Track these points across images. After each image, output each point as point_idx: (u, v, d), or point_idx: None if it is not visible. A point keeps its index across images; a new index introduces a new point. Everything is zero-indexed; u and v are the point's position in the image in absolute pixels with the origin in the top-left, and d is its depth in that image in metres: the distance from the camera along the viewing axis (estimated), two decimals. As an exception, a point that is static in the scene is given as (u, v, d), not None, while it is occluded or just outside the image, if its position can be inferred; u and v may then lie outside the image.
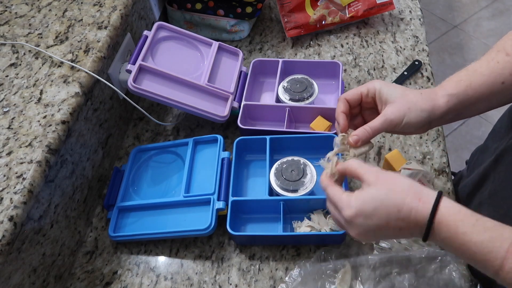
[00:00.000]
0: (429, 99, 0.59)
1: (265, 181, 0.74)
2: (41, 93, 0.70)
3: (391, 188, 0.52)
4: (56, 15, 0.81)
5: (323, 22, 1.01)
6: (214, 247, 0.74)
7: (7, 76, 0.72)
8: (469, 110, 0.61)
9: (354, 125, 0.65)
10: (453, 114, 0.60)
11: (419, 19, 1.06)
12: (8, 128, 0.65)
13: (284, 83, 0.86)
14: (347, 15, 1.01)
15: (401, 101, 0.59)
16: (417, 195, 0.51)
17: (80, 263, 0.74)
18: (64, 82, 0.71)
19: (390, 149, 0.83)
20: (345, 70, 0.97)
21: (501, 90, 0.59)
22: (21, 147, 0.63)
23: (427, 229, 0.49)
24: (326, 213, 0.72)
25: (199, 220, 0.71)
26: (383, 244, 0.70)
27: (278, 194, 0.72)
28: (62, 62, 0.74)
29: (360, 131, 0.61)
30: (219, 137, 0.80)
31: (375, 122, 0.60)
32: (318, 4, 1.01)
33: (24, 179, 0.59)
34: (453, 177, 0.88)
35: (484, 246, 0.46)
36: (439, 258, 0.66)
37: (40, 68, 0.73)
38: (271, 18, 1.10)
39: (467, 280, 0.65)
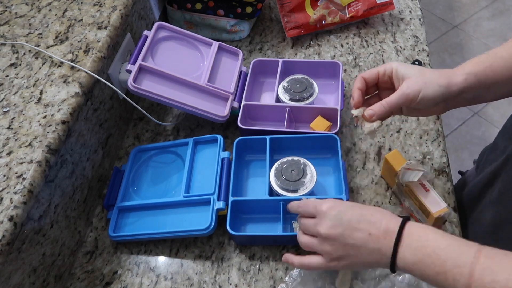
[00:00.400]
0: (447, 76, 0.60)
1: (265, 181, 0.74)
2: (41, 93, 0.70)
3: (368, 205, 0.58)
4: (56, 15, 0.81)
5: (323, 22, 1.01)
6: (214, 247, 0.74)
7: (7, 76, 0.72)
8: (487, 92, 0.62)
9: (370, 104, 0.66)
10: (471, 94, 0.60)
11: (419, 19, 1.06)
12: (8, 128, 0.65)
13: (284, 83, 0.86)
14: (347, 15, 1.01)
15: (418, 77, 0.61)
16: (390, 213, 0.55)
17: (80, 263, 0.74)
18: (64, 82, 0.71)
19: (390, 149, 0.83)
20: (345, 70, 0.97)
21: None
22: (21, 147, 0.63)
23: (397, 236, 0.50)
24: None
25: (199, 220, 0.71)
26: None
27: (278, 194, 0.72)
28: (62, 62, 0.74)
29: (376, 106, 0.62)
30: (219, 137, 0.80)
31: (391, 97, 0.62)
32: (318, 4, 1.01)
33: (24, 179, 0.59)
34: (460, 176, 0.88)
35: (453, 250, 0.47)
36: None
37: (40, 68, 0.73)
38: (271, 18, 1.10)
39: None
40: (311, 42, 1.03)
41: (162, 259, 0.74)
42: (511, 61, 0.59)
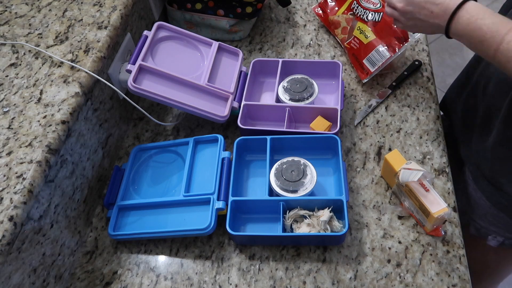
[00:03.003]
0: None
1: (265, 181, 0.74)
2: (41, 93, 0.70)
3: None
4: (56, 15, 0.81)
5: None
6: (214, 247, 0.74)
7: (7, 76, 0.72)
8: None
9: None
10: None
11: (419, 19, 1.06)
12: (8, 128, 0.65)
13: (284, 83, 0.86)
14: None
15: None
16: None
17: (80, 263, 0.74)
18: (64, 82, 0.71)
19: (390, 149, 0.83)
20: (345, 70, 0.97)
21: None
22: (21, 147, 0.63)
23: (452, 14, 0.63)
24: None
25: (199, 220, 0.71)
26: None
27: (278, 195, 0.72)
28: (62, 62, 0.74)
29: None
30: (220, 137, 0.80)
31: None
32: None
33: (24, 179, 0.59)
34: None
35: (494, 26, 0.60)
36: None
37: (40, 68, 0.73)
38: (271, 18, 1.10)
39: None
40: (311, 42, 1.03)
41: (162, 259, 0.74)
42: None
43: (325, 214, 0.70)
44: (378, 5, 0.94)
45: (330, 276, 0.69)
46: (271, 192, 0.73)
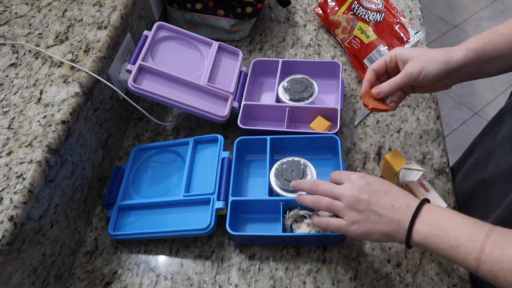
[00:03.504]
0: (447, 53, 0.64)
1: (265, 181, 0.74)
2: (41, 93, 0.70)
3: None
4: (56, 15, 0.81)
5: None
6: (214, 247, 0.74)
7: (7, 76, 0.72)
8: (488, 67, 0.65)
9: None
10: (472, 68, 0.64)
11: (419, 19, 1.06)
12: (8, 128, 0.65)
13: (284, 83, 0.86)
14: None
15: (420, 56, 0.65)
16: (414, 196, 0.57)
17: (80, 263, 0.74)
18: (64, 82, 0.71)
19: (390, 149, 0.83)
20: (345, 70, 0.97)
21: None
22: (21, 147, 0.63)
23: (416, 210, 0.53)
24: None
25: (199, 220, 0.71)
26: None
27: (278, 195, 0.72)
28: (62, 62, 0.74)
29: (383, 84, 0.68)
30: (220, 137, 0.80)
31: (397, 77, 0.67)
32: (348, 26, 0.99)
33: (24, 179, 0.59)
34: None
35: (468, 227, 0.50)
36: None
37: (40, 68, 0.73)
38: (271, 18, 1.10)
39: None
40: (311, 42, 1.03)
41: (162, 259, 0.74)
42: (510, 38, 0.62)
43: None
44: (380, 5, 0.94)
45: (330, 276, 0.69)
46: (271, 192, 0.73)
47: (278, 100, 0.85)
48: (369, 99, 0.70)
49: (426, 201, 0.56)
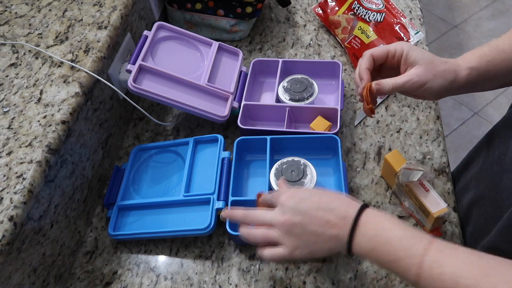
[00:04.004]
0: (453, 70, 0.61)
1: (265, 181, 0.74)
2: (41, 93, 0.70)
3: (328, 190, 0.59)
4: (56, 15, 0.81)
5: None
6: (214, 247, 0.74)
7: (7, 76, 0.72)
8: (485, 85, 0.64)
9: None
10: (470, 86, 0.62)
11: (419, 19, 1.06)
12: (8, 128, 0.65)
13: (284, 83, 0.86)
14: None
15: (428, 67, 0.61)
16: (350, 199, 0.55)
17: (80, 263, 0.74)
18: (64, 82, 0.71)
19: (390, 149, 0.83)
20: (345, 70, 0.97)
21: None
22: (21, 147, 0.63)
23: (353, 223, 0.51)
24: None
25: (199, 220, 0.71)
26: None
27: (278, 194, 0.72)
28: (62, 62, 0.74)
29: (383, 83, 0.63)
30: (220, 137, 0.80)
31: (399, 80, 0.62)
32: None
33: (24, 179, 0.59)
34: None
35: (406, 241, 0.48)
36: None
37: (40, 68, 0.73)
38: (271, 18, 1.10)
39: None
40: (311, 42, 1.03)
41: (162, 259, 0.74)
42: (511, 57, 0.61)
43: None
44: (381, 5, 0.94)
45: (330, 276, 0.69)
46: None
47: (278, 100, 0.85)
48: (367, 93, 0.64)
49: (364, 206, 0.53)
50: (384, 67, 0.67)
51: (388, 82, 0.63)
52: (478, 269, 0.44)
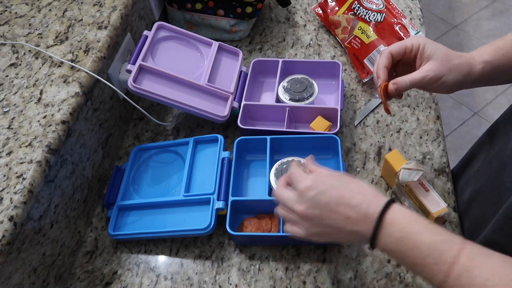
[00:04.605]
0: (468, 64, 0.61)
1: (265, 181, 0.74)
2: (41, 93, 0.70)
3: (352, 179, 0.54)
4: (56, 15, 0.81)
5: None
6: (214, 247, 0.74)
7: (7, 76, 0.72)
8: (499, 79, 0.64)
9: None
10: (485, 79, 0.63)
11: (419, 19, 1.06)
12: (8, 128, 0.65)
13: (284, 83, 0.86)
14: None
15: (443, 61, 0.61)
16: (374, 193, 0.51)
17: (80, 263, 0.74)
18: (64, 82, 0.71)
19: (390, 149, 0.83)
20: (345, 70, 0.97)
21: None
22: (21, 147, 0.63)
23: (377, 223, 0.49)
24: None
25: (199, 220, 0.71)
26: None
27: (278, 194, 0.72)
28: (62, 62, 0.74)
29: (400, 81, 0.63)
30: (220, 137, 0.80)
31: (415, 76, 0.62)
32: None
33: (24, 179, 0.59)
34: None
35: (436, 248, 0.46)
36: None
37: (40, 68, 0.73)
38: (271, 18, 1.10)
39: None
40: (311, 42, 1.03)
41: (162, 259, 0.74)
42: None
43: None
44: (381, 5, 0.94)
45: (330, 276, 0.69)
46: (271, 192, 0.73)
47: (278, 100, 0.85)
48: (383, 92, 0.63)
49: (390, 203, 0.50)
50: (400, 63, 0.67)
51: (405, 80, 0.62)
52: (511, 282, 0.42)
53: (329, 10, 1.02)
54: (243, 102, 0.85)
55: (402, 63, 0.67)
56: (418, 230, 0.48)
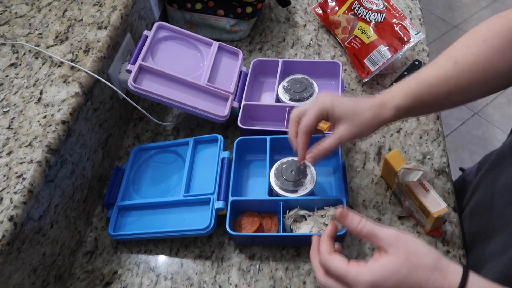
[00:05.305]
0: (377, 115, 0.61)
1: (265, 181, 0.74)
2: (41, 93, 0.70)
3: (414, 263, 0.45)
4: (56, 15, 0.81)
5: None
6: (214, 247, 0.74)
7: (7, 76, 0.72)
8: (415, 115, 0.66)
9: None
10: (400, 118, 0.63)
11: (419, 19, 1.06)
12: (8, 128, 0.65)
13: (284, 83, 0.86)
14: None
15: (353, 121, 0.62)
16: (443, 273, 0.45)
17: (80, 263, 0.74)
18: (64, 82, 0.71)
19: (390, 149, 0.83)
20: (345, 70, 0.97)
21: (446, 99, 0.60)
22: (21, 147, 0.63)
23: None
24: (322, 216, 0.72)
25: (199, 220, 0.71)
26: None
27: (278, 195, 0.72)
28: (62, 62, 0.74)
29: (316, 152, 0.65)
30: (220, 137, 0.80)
31: (330, 142, 0.64)
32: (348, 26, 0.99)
33: (24, 179, 0.59)
34: (461, 173, 0.88)
35: None
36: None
37: (40, 68, 0.73)
38: (271, 18, 1.10)
39: None
40: (311, 42, 1.03)
41: (162, 259, 0.74)
42: (436, 89, 0.59)
43: (331, 209, 0.70)
44: (381, 5, 0.94)
45: (330, 276, 0.69)
46: (271, 192, 0.73)
47: (278, 100, 0.85)
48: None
49: (464, 279, 0.44)
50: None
51: (320, 149, 0.64)
52: None
53: (329, 10, 1.02)
54: (243, 102, 0.85)
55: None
56: None
